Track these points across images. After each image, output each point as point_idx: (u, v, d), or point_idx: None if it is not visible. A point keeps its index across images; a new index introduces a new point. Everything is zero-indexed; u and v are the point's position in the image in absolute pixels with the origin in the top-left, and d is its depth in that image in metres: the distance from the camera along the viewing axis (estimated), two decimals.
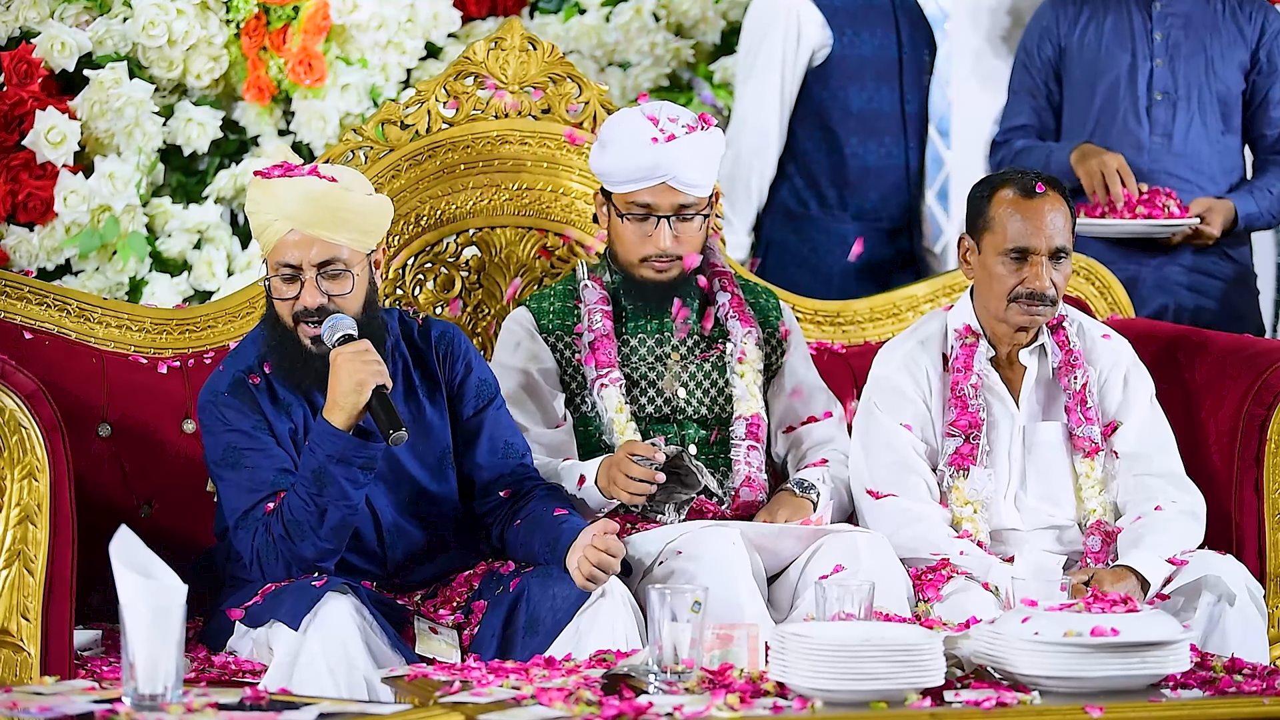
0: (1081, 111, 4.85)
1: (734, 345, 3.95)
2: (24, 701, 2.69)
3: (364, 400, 3.40)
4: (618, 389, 3.86)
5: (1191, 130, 4.78)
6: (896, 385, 3.92)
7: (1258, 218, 4.77)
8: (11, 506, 3.29)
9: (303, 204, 3.46)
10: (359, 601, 3.34)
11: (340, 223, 3.48)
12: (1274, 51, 4.82)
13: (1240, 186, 4.81)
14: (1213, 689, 3.03)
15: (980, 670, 3.09)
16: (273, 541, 3.43)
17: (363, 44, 4.84)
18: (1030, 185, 3.83)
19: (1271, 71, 4.82)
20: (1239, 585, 3.68)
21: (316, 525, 3.41)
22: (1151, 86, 4.79)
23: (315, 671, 3.26)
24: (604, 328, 3.89)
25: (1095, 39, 4.83)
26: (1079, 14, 4.87)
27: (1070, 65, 4.86)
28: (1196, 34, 4.80)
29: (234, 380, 3.54)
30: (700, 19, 5.32)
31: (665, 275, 3.88)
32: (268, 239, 3.50)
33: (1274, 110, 4.83)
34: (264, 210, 3.49)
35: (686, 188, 3.83)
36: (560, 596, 3.39)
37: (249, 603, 3.45)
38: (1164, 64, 4.79)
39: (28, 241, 4.56)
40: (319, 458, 3.41)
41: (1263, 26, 4.83)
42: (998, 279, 3.84)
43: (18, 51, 4.52)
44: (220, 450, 3.50)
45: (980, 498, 3.83)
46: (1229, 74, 4.80)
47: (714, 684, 2.94)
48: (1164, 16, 4.81)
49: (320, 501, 3.41)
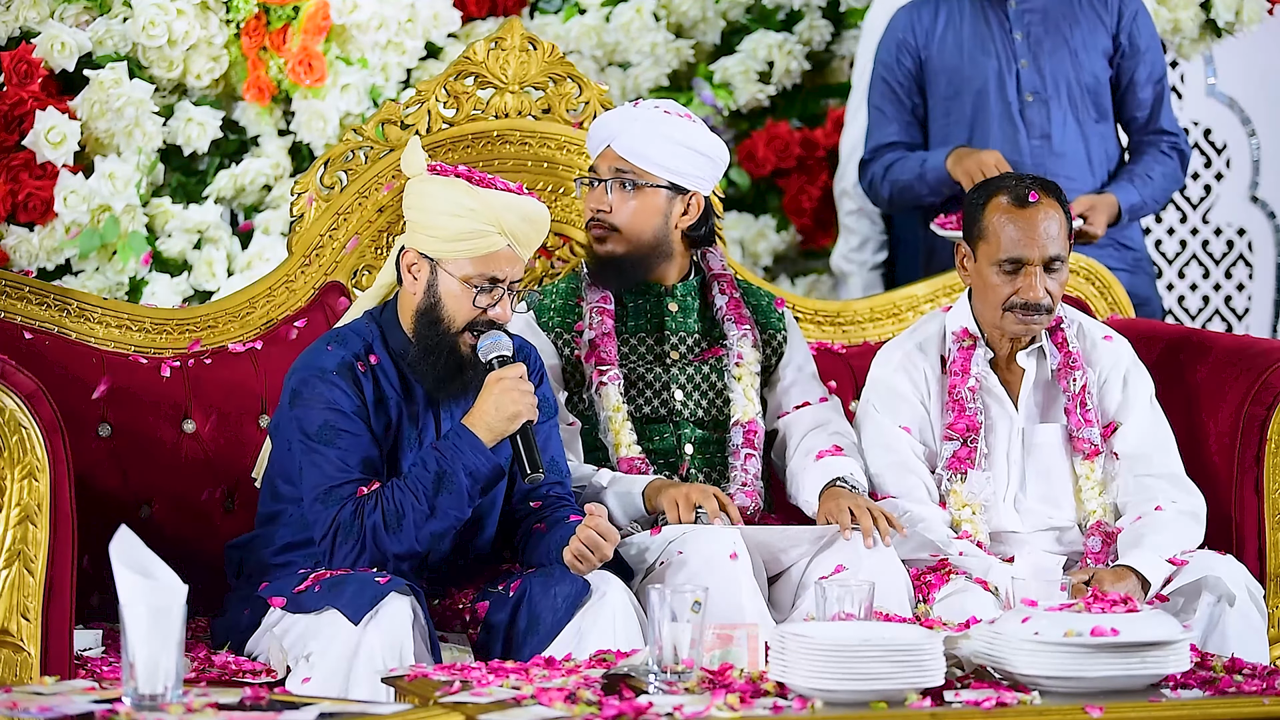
0: (953, 122, 4.72)
1: (730, 348, 3.95)
2: (24, 701, 2.69)
3: (513, 429, 3.44)
4: (616, 388, 3.87)
5: (1067, 127, 4.69)
6: (895, 387, 3.92)
7: (1141, 207, 4.68)
8: (11, 506, 3.29)
9: (525, 226, 3.53)
10: (417, 603, 3.34)
11: (539, 243, 3.60)
12: (1134, 33, 4.73)
13: (1119, 174, 4.73)
14: (1213, 689, 3.03)
15: (980, 670, 3.09)
16: (360, 525, 3.41)
17: (363, 44, 4.84)
18: (1024, 194, 3.82)
19: (1134, 53, 4.73)
20: (1239, 585, 3.68)
21: (420, 523, 3.41)
22: (1021, 88, 4.69)
23: (372, 669, 3.24)
24: (605, 327, 3.90)
25: (955, 46, 4.72)
26: (934, 22, 4.74)
27: (933, 75, 4.74)
28: (1056, 28, 4.70)
29: (342, 362, 3.53)
30: (700, 19, 5.33)
31: (603, 248, 3.89)
32: (473, 247, 3.50)
33: (1141, 91, 4.74)
34: (475, 219, 3.49)
35: (628, 153, 3.85)
36: (561, 596, 3.40)
37: (298, 589, 3.41)
38: (1029, 64, 4.69)
39: (28, 241, 4.57)
40: (452, 464, 3.41)
41: (1119, 9, 4.72)
42: (992, 288, 3.84)
43: (18, 51, 4.53)
44: (317, 425, 3.48)
45: (979, 500, 3.83)
46: (1094, 62, 4.71)
47: (714, 684, 2.94)
48: (1021, 14, 4.70)
49: (435, 503, 3.41)
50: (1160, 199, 4.73)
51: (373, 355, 3.56)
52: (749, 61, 5.31)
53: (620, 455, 3.84)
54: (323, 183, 4.10)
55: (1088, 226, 4.56)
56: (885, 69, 4.77)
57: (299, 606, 3.39)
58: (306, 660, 3.30)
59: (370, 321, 3.62)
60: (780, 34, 5.33)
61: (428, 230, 3.52)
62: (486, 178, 3.56)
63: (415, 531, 3.41)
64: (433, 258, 3.52)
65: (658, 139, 3.86)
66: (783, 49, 5.31)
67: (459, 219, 3.50)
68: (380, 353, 3.57)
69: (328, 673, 3.26)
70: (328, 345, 3.56)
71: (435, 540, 3.44)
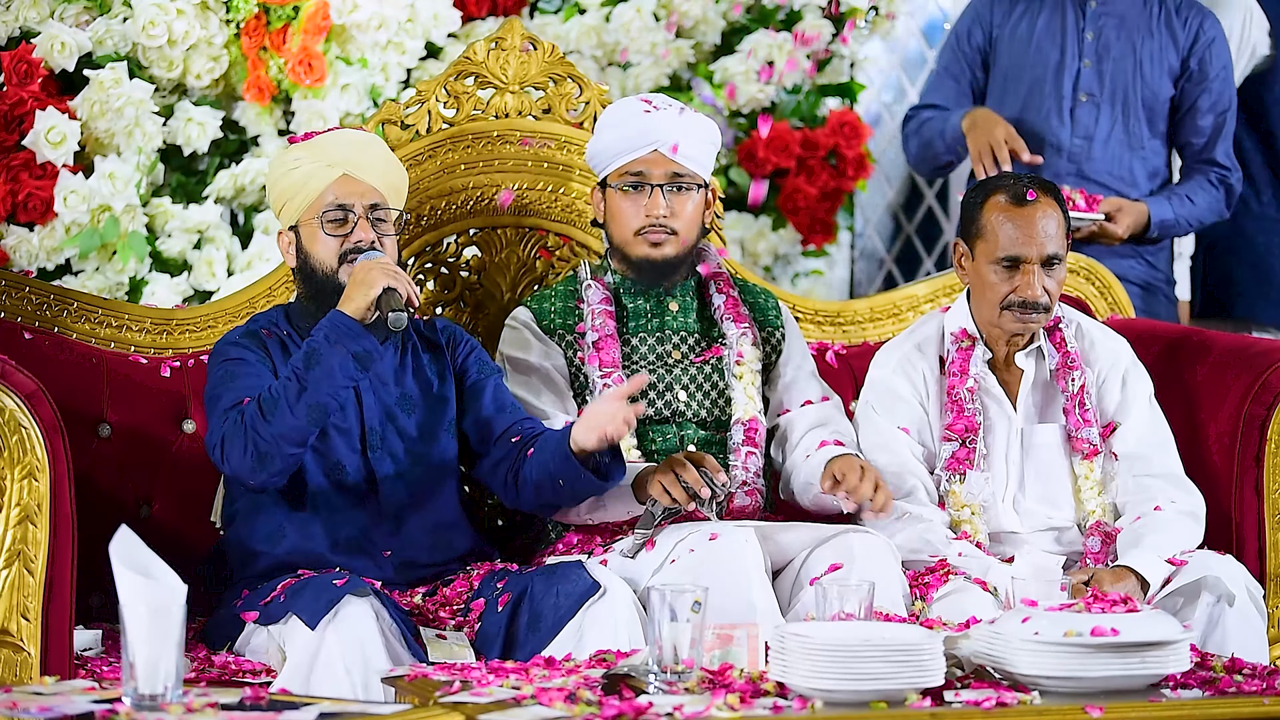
0: (1006, 104, 4.76)
1: (730, 347, 3.94)
2: (24, 701, 2.69)
3: (373, 295, 3.47)
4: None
5: (1114, 134, 4.71)
6: (893, 388, 3.92)
7: (1173, 224, 4.68)
8: (11, 506, 3.29)
9: (353, 150, 3.66)
10: (378, 603, 3.34)
11: (382, 173, 3.68)
12: (1206, 59, 4.72)
13: (1160, 191, 4.73)
14: (1213, 689, 3.03)
15: (980, 670, 3.09)
16: (242, 421, 3.46)
17: (363, 44, 4.84)
18: (1022, 192, 3.82)
19: (1202, 79, 4.73)
20: (1239, 585, 3.68)
21: (294, 400, 3.44)
22: (1078, 87, 4.71)
23: (333, 673, 3.25)
24: (608, 328, 3.89)
25: (1027, 32, 4.75)
26: (1014, 5, 4.79)
27: (999, 55, 4.78)
28: (1128, 36, 4.72)
29: (248, 330, 3.68)
30: (700, 19, 5.33)
31: (660, 252, 3.88)
32: (313, 188, 3.63)
33: (1201, 119, 4.74)
34: (307, 162, 3.63)
35: (681, 159, 3.84)
36: (563, 594, 3.40)
37: (265, 601, 3.44)
38: (1092, 65, 4.71)
39: (28, 241, 4.56)
40: (317, 339, 3.47)
41: (1196, 33, 4.73)
42: (990, 287, 3.84)
43: (18, 51, 4.52)
44: (218, 377, 3.58)
45: (978, 501, 3.83)
46: (1158, 79, 4.72)
47: (714, 684, 2.94)
48: (1097, 16, 4.73)
49: (304, 378, 3.45)
50: (1194, 224, 4.74)
51: (282, 330, 3.69)
52: (749, 61, 5.31)
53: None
54: None
55: (1109, 225, 4.58)
56: (957, 38, 4.86)
57: (269, 617, 3.42)
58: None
59: (277, 308, 3.79)
60: (780, 34, 5.33)
61: (280, 201, 3.68)
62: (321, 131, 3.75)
63: (290, 408, 3.44)
64: (293, 224, 3.67)
65: (705, 144, 3.89)
66: (783, 49, 5.31)
67: (295, 170, 3.65)
68: (285, 326, 3.70)
69: (288, 678, 3.27)
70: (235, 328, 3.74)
71: (314, 413, 3.46)
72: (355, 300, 3.49)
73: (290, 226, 3.68)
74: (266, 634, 3.45)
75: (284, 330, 3.69)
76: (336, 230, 3.62)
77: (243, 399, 3.51)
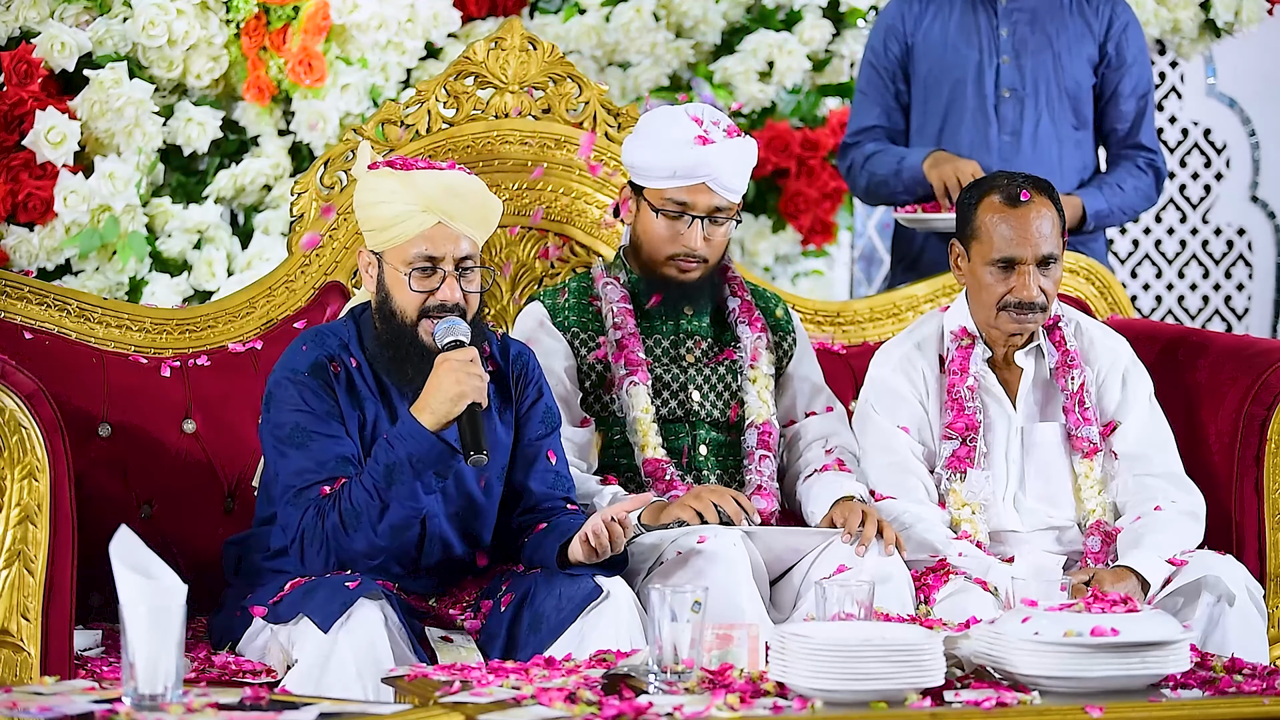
0: (929, 110, 4.73)
1: (745, 350, 3.95)
2: (24, 701, 2.69)
3: (458, 411, 3.37)
4: (646, 389, 3.86)
5: (1040, 128, 4.68)
6: (893, 387, 3.92)
7: (1107, 215, 4.65)
8: (11, 506, 3.29)
9: (450, 198, 3.47)
10: (390, 607, 3.33)
11: (480, 220, 3.51)
12: (1122, 44, 4.70)
13: (1090, 181, 4.71)
14: (1213, 689, 3.03)
15: (980, 670, 3.09)
16: (322, 527, 3.39)
17: (363, 44, 4.84)
18: (1016, 193, 3.82)
19: (1120, 65, 4.70)
20: (1239, 585, 3.68)
21: (376, 520, 3.38)
22: (999, 84, 4.67)
23: (345, 676, 3.24)
24: (630, 326, 3.90)
25: (941, 36, 4.71)
26: (924, 11, 4.75)
27: (917, 63, 4.74)
28: (1043, 29, 4.69)
29: (315, 363, 3.50)
30: (700, 19, 5.33)
31: (687, 276, 3.89)
32: (402, 231, 3.47)
33: (1124, 104, 4.71)
34: (400, 200, 3.47)
35: (724, 191, 3.84)
36: (565, 596, 3.39)
37: (275, 599, 3.41)
38: (1010, 61, 4.67)
39: (28, 241, 4.57)
40: (398, 453, 3.37)
41: (1110, 19, 4.71)
42: (986, 288, 3.84)
43: (18, 51, 4.53)
44: (288, 428, 3.46)
45: (978, 500, 3.83)
46: (1077, 68, 4.69)
47: (714, 684, 2.94)
48: (1009, 12, 4.69)
49: (386, 496, 3.37)
50: (1129, 212, 4.70)
51: (352, 358, 3.54)
52: (749, 61, 5.31)
53: (646, 456, 3.83)
54: (323, 183, 4.10)
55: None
56: (873, 54, 4.79)
57: (277, 616, 3.40)
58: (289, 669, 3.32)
59: (349, 320, 3.61)
60: (780, 34, 5.33)
61: (367, 225, 3.53)
62: (416, 162, 3.55)
63: (372, 528, 3.38)
64: (377, 252, 3.52)
65: (746, 168, 3.90)
66: (783, 49, 5.31)
67: (387, 205, 3.48)
68: (356, 353, 3.56)
69: (299, 680, 3.26)
70: (303, 345, 3.55)
71: (396, 533, 3.41)
72: (437, 413, 3.37)
73: (374, 252, 3.54)
74: (270, 633, 3.44)
75: (352, 361, 3.54)
76: (422, 284, 3.47)
77: (320, 482, 3.41)
